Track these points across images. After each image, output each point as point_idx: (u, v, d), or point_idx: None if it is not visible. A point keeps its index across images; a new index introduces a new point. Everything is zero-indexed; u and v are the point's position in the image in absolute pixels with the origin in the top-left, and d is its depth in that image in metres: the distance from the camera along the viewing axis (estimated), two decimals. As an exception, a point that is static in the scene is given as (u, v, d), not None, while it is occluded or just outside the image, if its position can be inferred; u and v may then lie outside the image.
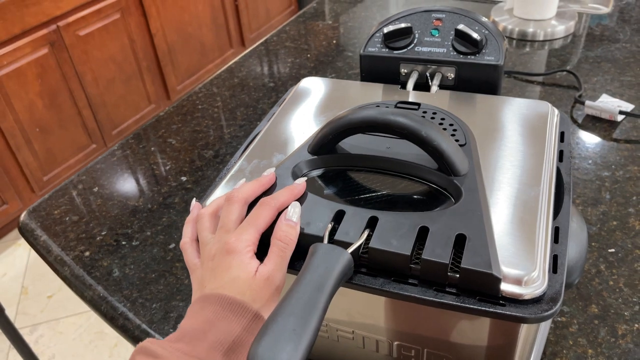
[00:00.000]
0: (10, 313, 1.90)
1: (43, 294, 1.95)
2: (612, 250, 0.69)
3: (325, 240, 0.45)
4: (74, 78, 2.14)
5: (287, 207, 0.47)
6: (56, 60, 2.06)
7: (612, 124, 0.91)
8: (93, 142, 2.30)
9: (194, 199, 0.54)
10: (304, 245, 0.45)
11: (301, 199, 0.49)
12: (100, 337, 1.76)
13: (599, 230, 0.72)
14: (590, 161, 0.83)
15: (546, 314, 0.41)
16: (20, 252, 2.10)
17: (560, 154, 0.57)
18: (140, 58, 2.40)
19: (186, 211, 0.82)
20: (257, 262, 0.44)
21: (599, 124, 0.91)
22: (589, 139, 0.88)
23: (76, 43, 2.11)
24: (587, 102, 0.92)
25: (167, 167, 0.92)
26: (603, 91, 0.98)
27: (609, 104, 0.91)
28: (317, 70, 1.17)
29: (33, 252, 0.80)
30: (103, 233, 0.80)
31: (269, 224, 0.46)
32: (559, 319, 0.62)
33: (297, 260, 0.47)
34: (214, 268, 0.44)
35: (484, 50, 0.66)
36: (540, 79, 1.05)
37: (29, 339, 1.79)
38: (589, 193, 0.78)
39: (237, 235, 0.44)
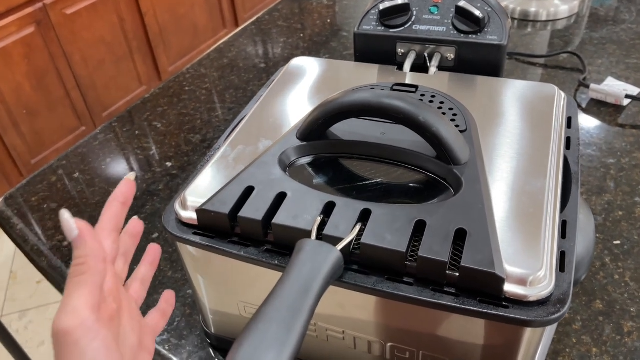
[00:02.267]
0: (-2, 299, 1.87)
1: (32, 279, 1.91)
2: (618, 242, 0.66)
3: (314, 235, 0.41)
4: (62, 58, 2.08)
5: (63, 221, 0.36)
6: (43, 39, 2.00)
7: (617, 108, 0.87)
8: (82, 125, 2.25)
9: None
10: (291, 240, 0.41)
11: (288, 189, 0.46)
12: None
13: (603, 221, 0.68)
14: (594, 148, 0.80)
15: (553, 317, 0.38)
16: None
17: (568, 141, 0.53)
18: (131, 38, 2.33)
19: (171, 199, 0.78)
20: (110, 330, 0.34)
21: (604, 108, 0.87)
22: (594, 125, 0.85)
23: (63, 22, 2.04)
24: (592, 86, 0.88)
25: (152, 152, 0.88)
26: (608, 74, 0.94)
27: (615, 88, 0.87)
28: (311, 50, 1.12)
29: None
30: (83, 221, 0.76)
31: (114, 252, 0.39)
32: (561, 319, 0.59)
33: (284, 256, 0.43)
34: None
35: (486, 29, 0.62)
36: (542, 60, 1.01)
37: (18, 325, 1.76)
38: (593, 181, 0.74)
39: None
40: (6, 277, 1.93)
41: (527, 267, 0.39)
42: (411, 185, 0.48)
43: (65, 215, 0.35)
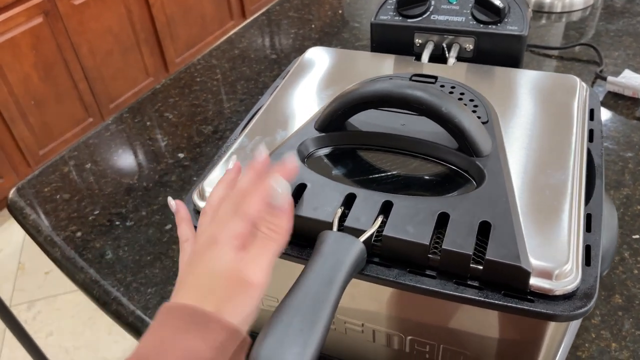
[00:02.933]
0: (7, 289, 1.87)
1: (40, 270, 1.92)
2: (637, 236, 0.65)
3: (335, 226, 0.41)
4: (70, 50, 2.07)
5: (268, 187, 0.40)
6: (51, 30, 1.99)
7: (635, 101, 0.86)
8: (90, 116, 2.24)
9: (170, 198, 0.47)
10: (312, 232, 0.41)
11: (308, 181, 0.45)
12: (99, 314, 1.73)
13: (622, 215, 0.67)
14: (612, 141, 0.79)
15: (579, 311, 0.37)
16: (17, 227, 2.06)
17: (591, 133, 0.53)
18: (138, 29, 2.32)
19: (184, 190, 0.78)
20: (242, 255, 0.38)
21: (621, 101, 0.86)
22: (611, 118, 0.83)
23: (71, 12, 2.03)
24: (609, 78, 0.87)
25: (164, 143, 0.87)
26: (625, 66, 0.93)
27: (633, 80, 0.86)
28: (322, 41, 1.11)
29: (28, 229, 0.76)
30: (96, 212, 0.76)
31: (260, 215, 0.39)
32: (588, 314, 0.58)
33: (305, 248, 0.43)
34: (194, 261, 0.39)
35: (506, 20, 0.61)
36: (557, 52, 0.99)
37: (26, 315, 1.77)
38: (611, 175, 0.73)
39: (223, 225, 0.39)
40: (15, 268, 1.94)
41: (553, 260, 0.38)
42: (432, 177, 0.47)
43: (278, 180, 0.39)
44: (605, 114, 0.84)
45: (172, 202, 0.46)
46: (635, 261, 0.62)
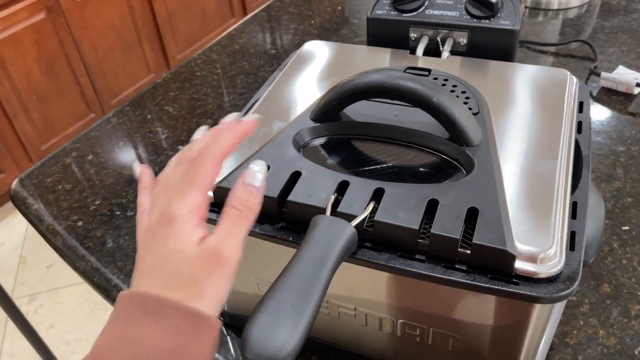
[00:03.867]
0: (9, 282, 1.89)
1: (42, 263, 1.94)
2: (626, 227, 0.66)
3: (328, 212, 0.42)
4: (72, 45, 2.09)
5: (248, 169, 0.39)
6: (53, 26, 2.00)
7: (628, 97, 0.87)
8: (92, 112, 2.26)
9: (136, 162, 0.44)
10: (306, 217, 0.42)
11: (303, 169, 0.46)
12: (100, 306, 1.75)
13: (612, 207, 0.69)
14: (604, 135, 0.80)
15: (562, 293, 0.39)
16: (19, 221, 2.08)
17: (579, 125, 0.54)
18: (140, 26, 2.34)
19: (183, 181, 0.79)
20: (203, 231, 0.35)
21: (614, 96, 0.87)
22: (604, 112, 0.85)
23: (73, 8, 2.05)
24: (603, 74, 0.88)
25: (164, 136, 0.89)
26: (619, 63, 0.94)
27: (626, 76, 0.87)
28: (321, 37, 1.12)
29: (29, 221, 0.78)
30: (97, 202, 0.77)
31: (214, 178, 0.38)
32: (570, 298, 0.59)
33: (299, 234, 0.44)
34: (149, 242, 0.35)
35: (499, 14, 0.62)
36: (553, 49, 1.01)
37: (27, 308, 1.79)
38: (602, 168, 0.74)
39: (178, 199, 0.35)
40: (16, 262, 1.96)
41: (538, 245, 0.40)
42: (424, 165, 0.48)
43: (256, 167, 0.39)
44: (598, 109, 0.85)
45: (137, 168, 0.42)
46: (624, 251, 0.63)
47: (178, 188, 0.36)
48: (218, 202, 0.47)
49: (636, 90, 0.87)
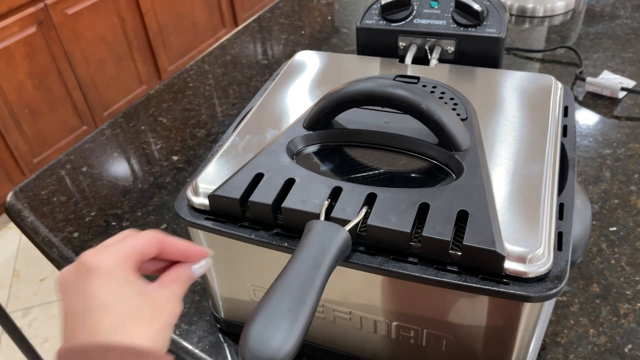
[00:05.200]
0: (2, 296, 1.88)
1: (35, 277, 1.93)
2: (614, 228, 0.68)
3: (322, 217, 0.43)
4: (64, 58, 2.09)
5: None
6: (45, 39, 2.01)
7: (613, 100, 0.89)
8: (84, 124, 2.26)
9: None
10: (300, 223, 0.43)
11: (297, 176, 0.47)
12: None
13: (600, 209, 0.70)
14: (591, 139, 0.82)
15: (551, 292, 0.40)
16: (12, 235, 2.07)
17: (564, 129, 0.55)
18: (131, 38, 2.35)
19: (178, 191, 0.80)
20: (142, 280, 0.34)
21: (600, 101, 0.89)
22: (590, 116, 0.87)
23: (64, 22, 2.06)
24: (588, 79, 0.90)
25: (158, 147, 0.90)
26: (604, 68, 0.96)
27: (610, 81, 0.89)
28: (312, 47, 1.14)
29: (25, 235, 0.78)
30: (92, 214, 0.78)
31: (146, 248, 0.36)
32: (560, 298, 0.61)
33: (293, 239, 0.45)
34: (68, 307, 0.32)
35: (485, 22, 0.64)
36: (539, 55, 1.03)
37: (21, 322, 1.78)
38: (589, 171, 0.76)
39: (100, 250, 0.34)
40: (10, 275, 1.95)
41: (526, 245, 0.41)
42: (414, 171, 0.50)
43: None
44: (584, 113, 0.87)
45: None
46: (612, 252, 0.65)
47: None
48: (214, 211, 0.48)
49: (621, 95, 0.89)
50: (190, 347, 0.60)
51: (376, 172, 0.50)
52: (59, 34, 2.05)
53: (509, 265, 0.40)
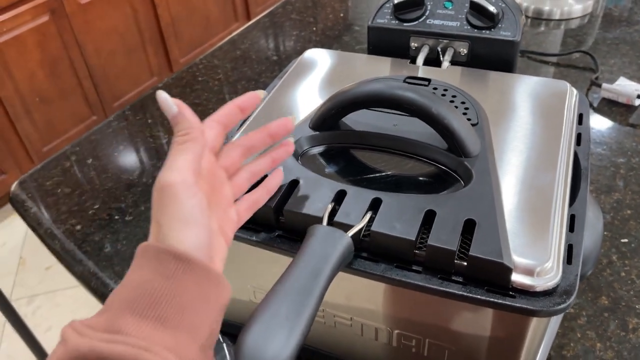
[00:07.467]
0: (7, 284, 1.89)
1: (41, 265, 1.94)
2: (625, 240, 0.66)
3: (325, 221, 0.42)
4: (75, 48, 2.09)
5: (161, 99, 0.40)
6: (57, 29, 2.01)
7: (629, 108, 0.87)
8: (94, 114, 2.26)
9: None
10: (303, 226, 0.42)
11: (301, 177, 0.46)
12: (98, 309, 1.75)
13: (612, 219, 0.69)
14: (605, 147, 0.80)
15: (559, 307, 0.39)
16: (19, 222, 2.07)
17: (578, 137, 0.54)
18: (143, 29, 2.34)
19: (182, 186, 0.79)
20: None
21: (615, 108, 0.87)
22: (605, 124, 0.85)
23: (77, 11, 2.06)
24: (604, 85, 0.88)
25: (165, 141, 0.89)
26: (620, 74, 0.94)
27: (627, 87, 0.87)
28: (323, 44, 1.13)
29: (30, 223, 0.78)
30: (96, 206, 0.77)
31: (210, 146, 0.40)
32: (567, 310, 0.59)
33: (295, 243, 0.44)
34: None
35: (500, 25, 0.62)
36: (555, 59, 1.01)
37: (26, 310, 1.79)
38: (602, 180, 0.74)
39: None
40: (15, 263, 1.96)
41: (535, 258, 0.39)
42: (422, 176, 0.48)
43: (162, 94, 0.39)
44: (599, 121, 0.85)
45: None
46: (623, 264, 0.63)
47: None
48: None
49: (637, 102, 0.86)
50: (188, 346, 0.59)
51: (382, 176, 0.49)
52: (71, 23, 2.05)
53: (516, 278, 0.39)
